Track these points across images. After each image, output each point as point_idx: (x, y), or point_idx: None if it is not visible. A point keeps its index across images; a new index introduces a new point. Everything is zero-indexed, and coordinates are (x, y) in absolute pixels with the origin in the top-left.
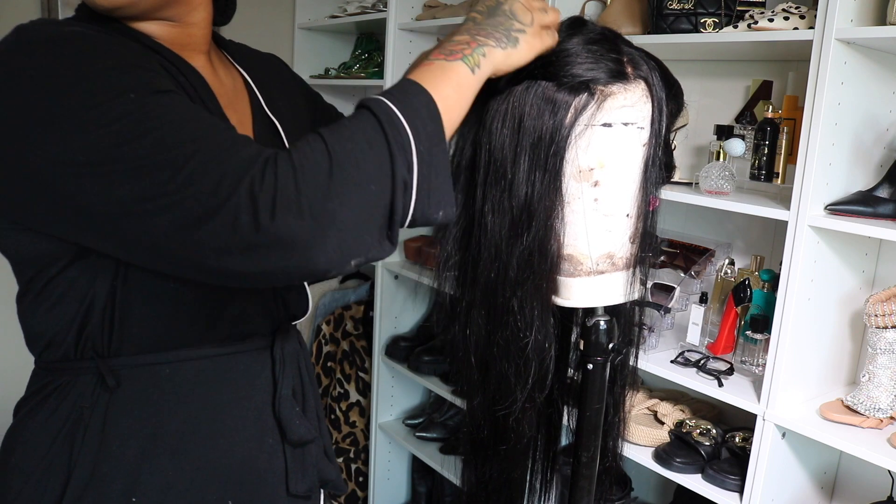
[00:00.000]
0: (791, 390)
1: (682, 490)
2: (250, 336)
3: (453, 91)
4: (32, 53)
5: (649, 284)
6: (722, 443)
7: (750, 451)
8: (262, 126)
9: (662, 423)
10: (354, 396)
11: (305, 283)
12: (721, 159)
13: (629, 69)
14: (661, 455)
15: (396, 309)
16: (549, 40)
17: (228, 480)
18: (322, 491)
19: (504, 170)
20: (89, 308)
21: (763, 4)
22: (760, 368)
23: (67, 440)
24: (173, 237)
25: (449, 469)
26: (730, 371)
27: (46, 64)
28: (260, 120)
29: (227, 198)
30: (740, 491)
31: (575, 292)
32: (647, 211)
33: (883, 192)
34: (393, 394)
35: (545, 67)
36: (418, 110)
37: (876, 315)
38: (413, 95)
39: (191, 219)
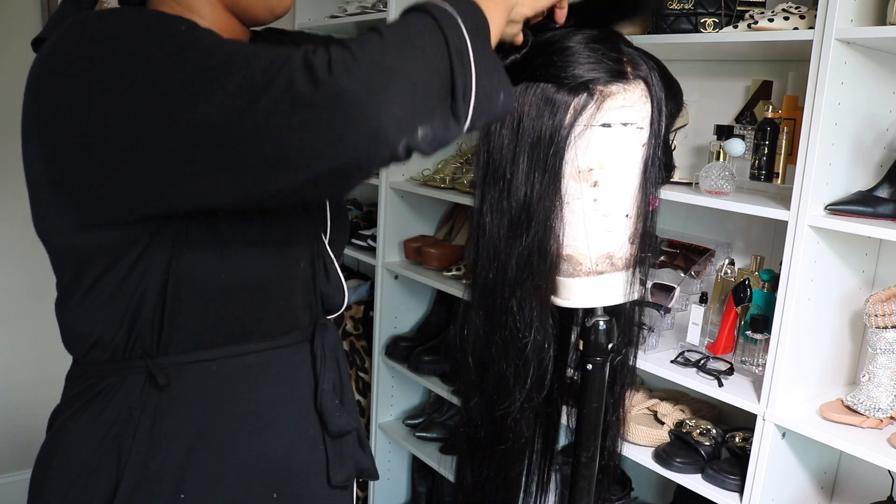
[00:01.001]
0: (791, 390)
1: (681, 490)
2: (292, 330)
3: (494, 5)
4: (95, 34)
5: (649, 284)
6: (722, 443)
7: (750, 451)
8: None
9: (662, 423)
10: (354, 396)
11: (341, 275)
12: (721, 159)
13: (629, 69)
14: (661, 455)
15: (396, 309)
16: None
17: (272, 474)
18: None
19: (503, 170)
20: (140, 305)
21: (763, 4)
22: (760, 368)
23: (116, 441)
24: (231, 118)
25: (449, 469)
26: (730, 371)
27: (110, 40)
28: None
29: (283, 66)
30: (740, 491)
31: (574, 293)
32: (647, 211)
33: (883, 192)
34: (393, 394)
35: (545, 68)
36: (468, 8)
37: (876, 315)
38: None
39: (248, 90)
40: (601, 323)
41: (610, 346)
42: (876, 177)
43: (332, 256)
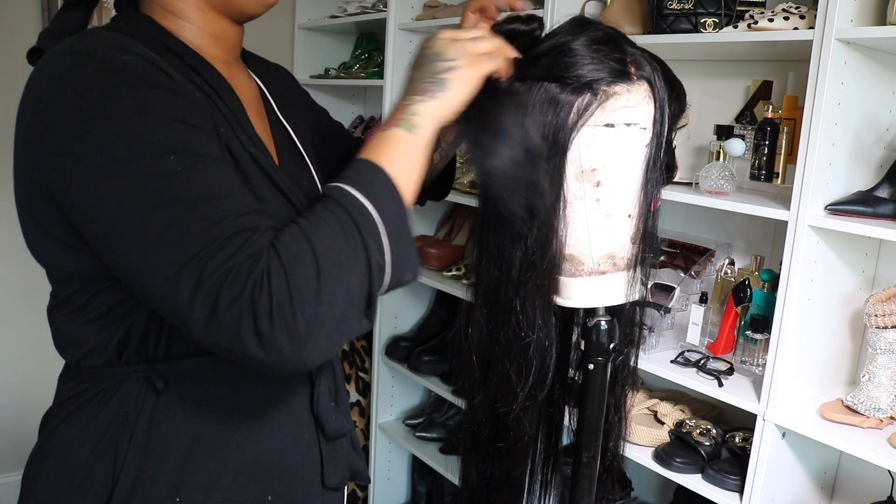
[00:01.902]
0: (791, 390)
1: (682, 490)
2: None
3: (402, 158)
4: (87, 85)
5: (650, 284)
6: (722, 443)
7: (750, 451)
8: (279, 133)
9: (662, 423)
10: (354, 396)
11: None
12: (721, 159)
13: (632, 70)
14: (662, 455)
15: (396, 309)
16: (488, 65)
17: (268, 476)
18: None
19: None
20: (135, 320)
21: (763, 4)
22: (760, 368)
23: (112, 444)
24: (173, 312)
25: (449, 469)
26: (730, 371)
27: (99, 101)
28: (276, 127)
29: (231, 304)
30: (740, 491)
31: (576, 292)
32: (649, 211)
33: (883, 192)
34: (393, 394)
35: (550, 68)
36: (380, 191)
37: (876, 315)
38: (371, 176)
39: (194, 315)
40: (603, 323)
41: (611, 346)
42: (876, 177)
43: None
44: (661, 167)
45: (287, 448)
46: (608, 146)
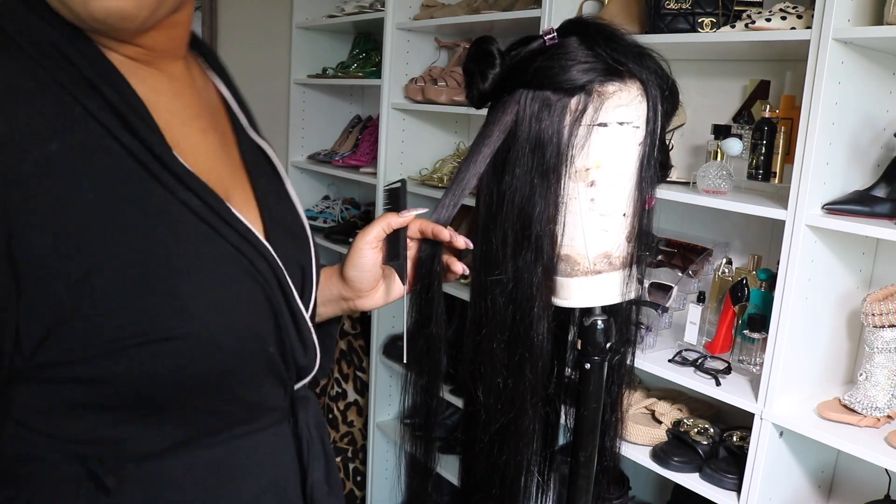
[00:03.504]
0: (788, 389)
1: (679, 489)
2: (268, 410)
3: None
4: None
5: (647, 284)
6: (719, 442)
7: (747, 450)
8: (248, 152)
9: (660, 423)
10: (352, 396)
11: (314, 335)
12: (718, 159)
13: (624, 67)
14: (659, 454)
15: (394, 308)
16: None
17: None
18: None
19: (502, 172)
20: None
21: (760, 4)
22: (758, 367)
23: None
24: None
25: (447, 468)
26: (727, 370)
27: None
28: (246, 143)
29: None
30: (738, 490)
31: (572, 292)
32: (644, 210)
33: (880, 192)
34: (391, 393)
35: (542, 73)
36: None
37: (873, 314)
38: None
39: None
40: (599, 322)
41: (608, 345)
42: (873, 176)
43: (304, 314)
44: (656, 165)
45: None
46: (602, 145)
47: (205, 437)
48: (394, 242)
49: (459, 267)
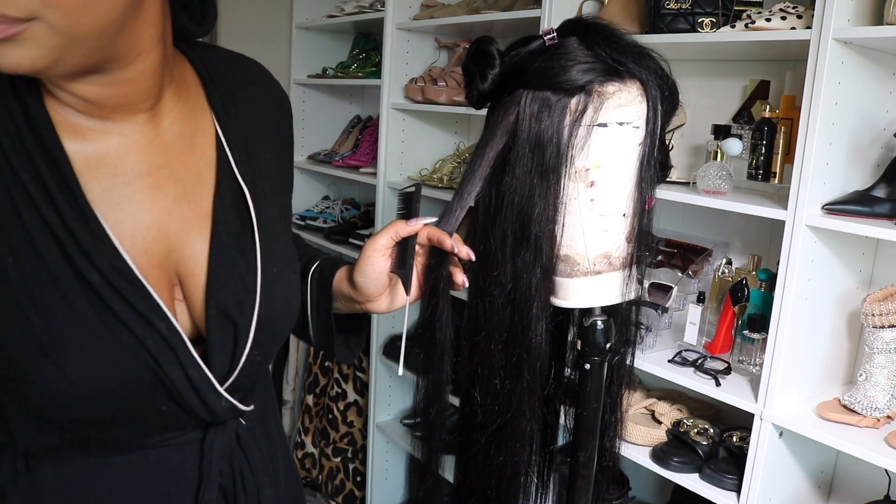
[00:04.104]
0: (788, 390)
1: (679, 489)
2: (175, 430)
3: None
4: None
5: (647, 284)
6: (719, 442)
7: (747, 450)
8: (225, 196)
9: (660, 423)
10: (352, 396)
11: (233, 400)
12: (718, 159)
13: (624, 67)
14: (659, 454)
15: None
16: None
17: None
18: None
19: (502, 172)
20: None
21: (760, 4)
22: (758, 368)
23: None
24: None
25: (447, 469)
26: (727, 370)
27: None
28: (226, 186)
29: None
30: (738, 490)
31: (572, 293)
32: (644, 210)
33: (880, 192)
34: (391, 393)
35: (542, 73)
36: None
37: (873, 314)
38: None
39: None
40: (599, 323)
41: (608, 345)
42: (873, 176)
43: (209, 379)
44: (656, 165)
45: None
46: (602, 146)
47: (111, 445)
48: (402, 251)
49: (459, 279)
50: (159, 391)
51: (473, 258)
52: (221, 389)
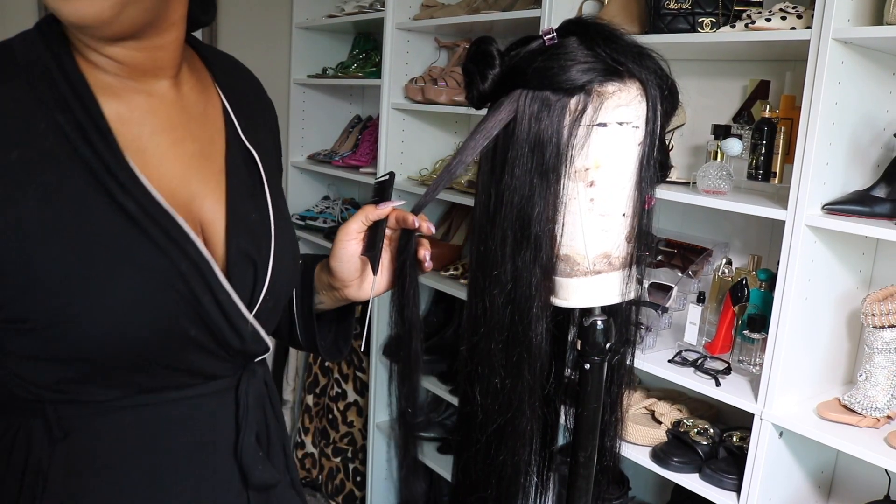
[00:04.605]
0: (788, 390)
1: (679, 489)
2: (211, 380)
3: None
4: None
5: (647, 284)
6: (719, 442)
7: (747, 450)
8: (236, 157)
9: (660, 423)
10: (352, 396)
11: (256, 325)
12: (718, 159)
13: (624, 67)
14: (659, 454)
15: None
16: None
17: None
18: None
19: (501, 172)
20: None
21: (760, 4)
22: (758, 368)
23: (27, 498)
24: None
25: (447, 469)
26: (727, 370)
27: None
28: (235, 150)
29: None
30: (738, 490)
31: (572, 293)
32: (644, 210)
33: (880, 192)
34: (390, 393)
35: (541, 73)
36: None
37: (873, 314)
38: None
39: None
40: (599, 322)
41: (608, 345)
42: (873, 176)
43: (238, 306)
44: (655, 165)
45: (215, 499)
46: (601, 146)
47: (147, 393)
48: (373, 234)
49: (422, 253)
50: (192, 317)
51: (433, 231)
52: (248, 315)
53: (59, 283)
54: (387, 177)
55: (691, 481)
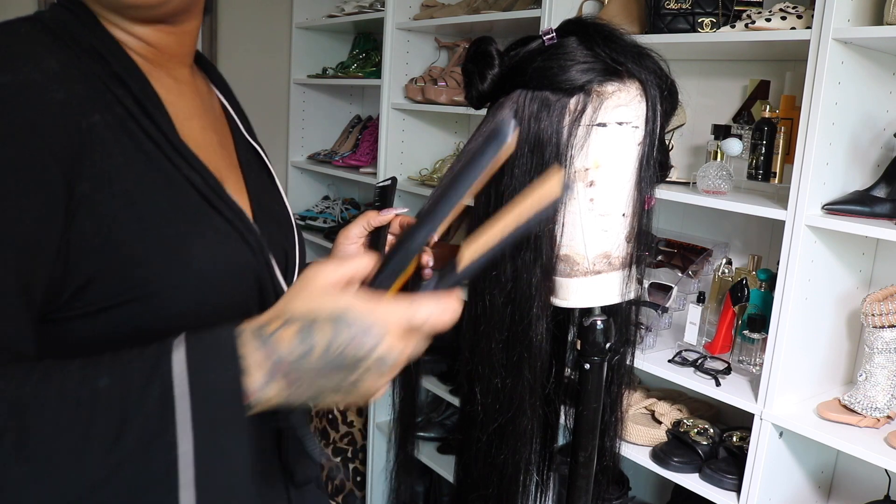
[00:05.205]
0: (788, 390)
1: (679, 489)
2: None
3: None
4: None
5: (647, 284)
6: (719, 442)
7: (747, 450)
8: (244, 152)
9: (660, 423)
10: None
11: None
12: (718, 159)
13: (623, 67)
14: (659, 454)
15: None
16: (410, 347)
17: None
18: None
19: (500, 172)
20: None
21: (760, 4)
22: (758, 368)
23: None
24: None
25: (447, 469)
26: (727, 370)
27: None
28: (241, 146)
29: None
30: (738, 490)
31: (572, 292)
32: (643, 210)
33: (880, 192)
34: (391, 393)
35: (541, 73)
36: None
37: (873, 314)
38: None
39: None
40: (599, 322)
41: (608, 345)
42: (873, 176)
43: (286, 288)
44: (655, 165)
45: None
46: (601, 146)
47: None
48: (374, 240)
49: (424, 259)
50: (257, 301)
51: (436, 239)
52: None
53: (143, 249)
54: (389, 182)
55: (691, 481)
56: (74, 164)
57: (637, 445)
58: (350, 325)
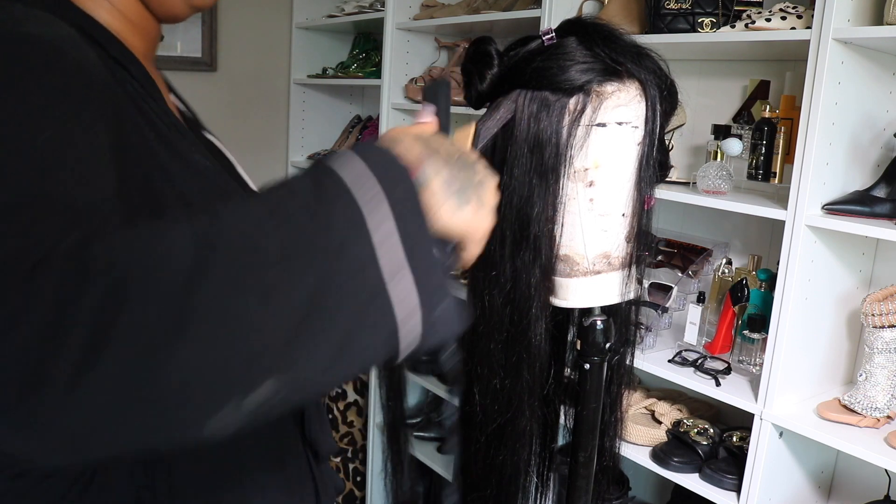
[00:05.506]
0: (788, 390)
1: (679, 489)
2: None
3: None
4: None
5: (647, 284)
6: (719, 442)
7: (747, 450)
8: (200, 140)
9: (660, 423)
10: (352, 396)
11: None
12: (718, 159)
13: (623, 67)
14: (659, 454)
15: None
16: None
17: None
18: None
19: (500, 172)
20: None
21: (760, 4)
22: (758, 368)
23: None
24: None
25: (447, 469)
26: (727, 370)
27: None
28: (198, 137)
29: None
30: (738, 490)
31: (572, 293)
32: (643, 210)
33: (880, 192)
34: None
35: (540, 73)
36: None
37: (873, 314)
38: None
39: None
40: (598, 323)
41: (607, 345)
42: (873, 176)
43: None
44: (655, 165)
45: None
46: (600, 146)
47: None
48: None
49: None
50: None
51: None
52: None
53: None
54: (435, 85)
55: (691, 481)
56: (118, 113)
57: (637, 445)
58: (452, 143)
